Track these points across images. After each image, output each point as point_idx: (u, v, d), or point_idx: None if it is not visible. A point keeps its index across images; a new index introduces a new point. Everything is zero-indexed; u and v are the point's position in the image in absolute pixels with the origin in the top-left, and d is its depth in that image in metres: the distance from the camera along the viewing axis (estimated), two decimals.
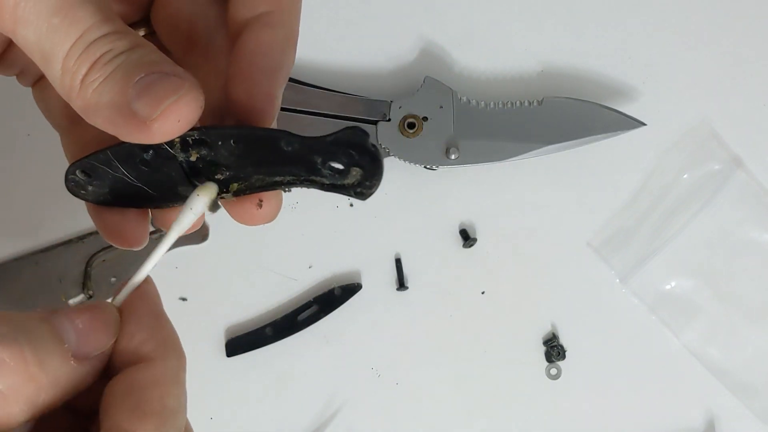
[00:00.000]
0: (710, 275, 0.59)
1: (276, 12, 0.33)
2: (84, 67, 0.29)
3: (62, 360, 0.27)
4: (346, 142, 0.32)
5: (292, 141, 0.32)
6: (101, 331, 0.29)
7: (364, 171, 0.33)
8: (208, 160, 0.33)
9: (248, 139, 0.32)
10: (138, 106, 0.28)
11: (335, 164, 0.33)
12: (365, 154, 0.33)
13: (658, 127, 0.59)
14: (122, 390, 0.28)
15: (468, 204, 0.60)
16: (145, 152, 0.32)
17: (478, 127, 0.57)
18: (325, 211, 0.60)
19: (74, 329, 0.28)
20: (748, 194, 0.59)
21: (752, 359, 0.59)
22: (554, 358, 0.58)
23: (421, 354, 0.59)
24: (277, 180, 0.34)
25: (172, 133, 0.29)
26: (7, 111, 0.60)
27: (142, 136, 0.29)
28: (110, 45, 0.29)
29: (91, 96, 0.29)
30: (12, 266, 0.58)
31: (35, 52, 0.29)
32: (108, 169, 0.33)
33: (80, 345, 0.28)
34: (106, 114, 0.29)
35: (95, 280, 0.58)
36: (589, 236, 0.60)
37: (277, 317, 0.59)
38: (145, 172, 0.33)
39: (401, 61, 0.61)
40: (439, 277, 0.60)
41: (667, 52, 0.61)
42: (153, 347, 0.29)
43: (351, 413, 0.59)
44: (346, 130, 0.32)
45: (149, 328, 0.30)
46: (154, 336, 0.30)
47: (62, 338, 0.28)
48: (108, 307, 0.30)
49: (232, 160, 0.33)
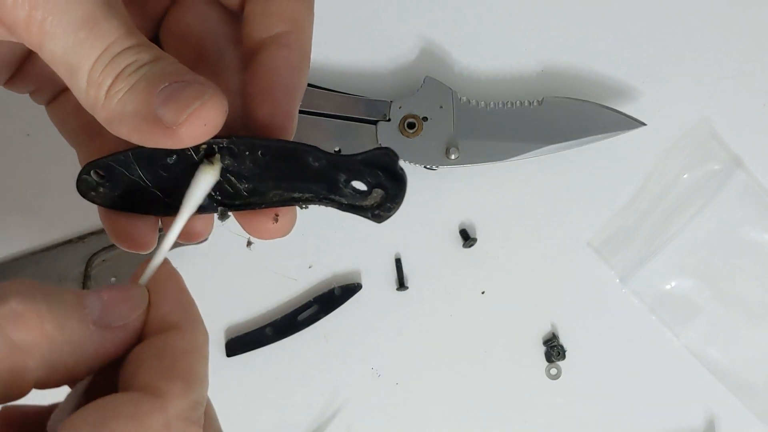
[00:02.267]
0: (710, 275, 0.59)
1: (292, 32, 0.34)
2: (109, 79, 0.29)
3: (80, 323, 0.28)
4: (376, 163, 0.32)
5: (320, 157, 0.32)
6: (126, 303, 0.29)
7: (387, 194, 0.33)
8: (230, 170, 0.33)
9: (276, 151, 0.33)
10: (163, 113, 0.29)
11: (358, 184, 0.33)
12: (393, 178, 0.33)
13: (658, 127, 0.59)
14: (154, 352, 0.29)
15: (468, 204, 0.60)
16: (169, 157, 0.32)
17: (478, 127, 0.57)
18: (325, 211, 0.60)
19: (99, 299, 0.29)
20: (748, 194, 0.59)
21: (752, 359, 0.59)
22: (554, 358, 0.58)
23: (421, 354, 0.59)
24: (295, 196, 0.34)
25: (199, 136, 0.30)
26: (7, 111, 0.60)
27: (169, 141, 0.29)
28: (134, 57, 0.30)
29: (116, 106, 0.30)
30: (12, 266, 0.58)
31: (61, 65, 0.30)
32: (125, 171, 0.33)
33: (102, 313, 0.29)
34: (132, 123, 0.29)
35: (95, 280, 0.58)
36: (589, 236, 0.60)
37: (277, 317, 0.59)
38: (163, 177, 0.33)
39: (401, 61, 0.61)
40: (439, 277, 0.60)
41: (667, 52, 0.61)
42: (182, 317, 0.30)
43: (351, 413, 0.59)
44: (377, 151, 0.32)
45: (178, 301, 0.31)
46: (182, 308, 0.31)
47: (84, 304, 0.28)
48: (137, 285, 0.31)
49: (255, 173, 0.33)
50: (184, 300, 0.31)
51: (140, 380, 0.28)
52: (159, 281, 0.31)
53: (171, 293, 0.31)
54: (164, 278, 0.31)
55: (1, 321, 0.26)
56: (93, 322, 0.28)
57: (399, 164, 0.32)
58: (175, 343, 0.29)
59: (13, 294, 0.27)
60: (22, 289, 0.27)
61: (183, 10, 0.36)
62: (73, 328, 0.28)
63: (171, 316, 0.30)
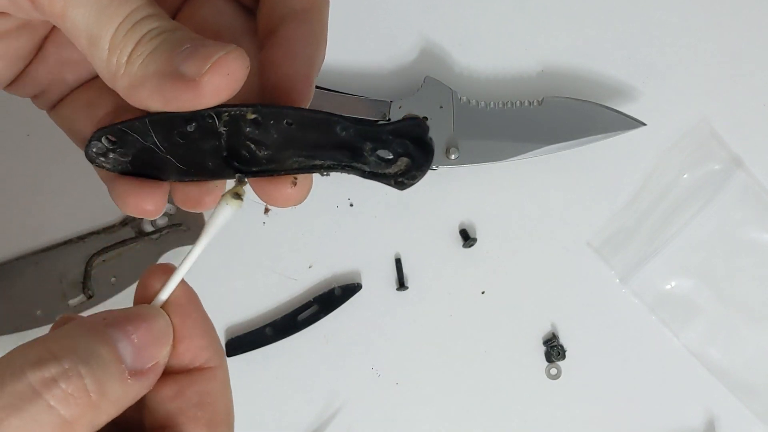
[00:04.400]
0: (710, 275, 0.59)
1: (309, 9, 0.34)
2: (131, 44, 0.30)
3: (121, 382, 0.28)
4: (407, 134, 0.32)
5: (348, 126, 0.32)
6: (156, 343, 0.29)
7: (413, 163, 0.33)
8: (251, 137, 0.32)
9: (304, 121, 0.32)
10: (186, 68, 0.29)
11: (384, 153, 0.33)
12: (422, 149, 0.32)
13: (658, 127, 0.59)
14: (195, 401, 0.29)
15: (468, 204, 0.60)
16: (189, 124, 0.32)
17: (478, 127, 0.57)
18: (325, 211, 0.60)
19: (131, 344, 0.29)
20: (748, 194, 0.59)
21: (752, 359, 0.59)
22: (554, 358, 0.58)
23: (421, 354, 0.59)
24: (316, 164, 0.33)
25: (222, 88, 0.29)
26: (7, 111, 0.60)
27: (192, 96, 0.29)
28: (156, 23, 0.30)
29: (138, 69, 0.30)
30: (12, 266, 0.58)
31: (82, 34, 0.30)
32: (139, 137, 0.32)
33: (136, 361, 0.29)
34: (154, 83, 0.29)
35: (95, 280, 0.58)
36: (589, 236, 0.60)
37: (277, 317, 0.59)
38: (179, 144, 0.33)
39: (401, 61, 0.61)
40: (439, 277, 0.60)
41: (667, 52, 0.61)
42: (212, 354, 0.30)
43: (351, 413, 0.59)
44: (409, 121, 0.32)
45: (206, 334, 0.31)
46: (211, 342, 0.31)
47: (120, 358, 0.28)
48: (161, 315, 0.30)
49: (277, 141, 0.33)
50: (211, 331, 0.31)
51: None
52: (181, 306, 0.31)
53: (199, 324, 0.31)
54: (187, 302, 0.31)
55: (51, 400, 0.26)
56: (129, 373, 0.28)
57: (429, 135, 0.32)
58: (213, 388, 0.30)
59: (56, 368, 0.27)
60: (65, 364, 0.27)
61: (199, 3, 0.36)
62: (115, 389, 0.28)
63: (203, 351, 0.30)
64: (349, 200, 0.60)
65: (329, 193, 0.60)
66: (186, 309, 0.31)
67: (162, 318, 0.30)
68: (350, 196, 0.60)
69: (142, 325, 0.29)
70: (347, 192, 0.60)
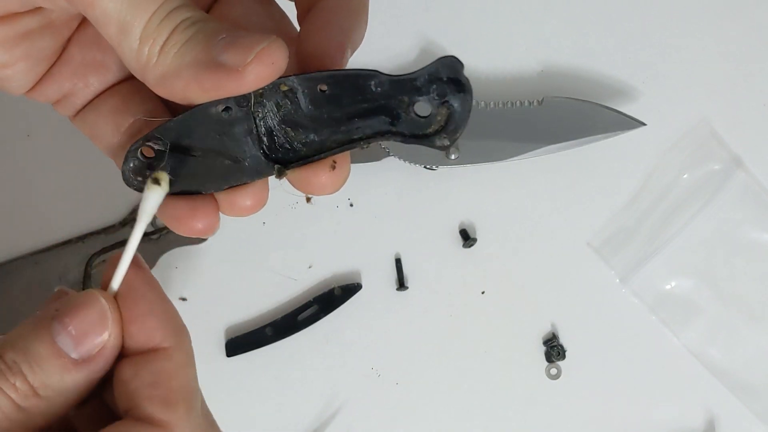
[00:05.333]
0: (710, 275, 0.59)
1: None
2: (165, 34, 0.29)
3: (62, 373, 0.29)
4: (443, 73, 0.32)
5: (383, 79, 0.32)
6: (95, 330, 0.30)
7: (452, 113, 0.33)
8: (286, 119, 0.32)
9: (337, 81, 0.32)
10: (226, 58, 0.29)
11: (420, 109, 0.32)
12: (459, 90, 0.32)
13: (658, 127, 0.59)
14: (148, 381, 0.29)
15: (468, 204, 0.60)
16: (225, 111, 0.31)
17: (478, 127, 0.57)
18: (325, 211, 0.60)
19: (69, 336, 0.29)
20: (748, 194, 0.59)
21: (752, 359, 0.59)
22: (554, 358, 0.58)
23: (421, 354, 0.59)
24: (355, 137, 0.33)
25: (266, 76, 0.29)
26: (7, 111, 0.60)
27: (234, 84, 0.29)
28: (189, 13, 0.30)
29: (173, 59, 0.29)
30: (12, 266, 0.58)
31: (112, 23, 0.29)
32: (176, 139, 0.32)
33: (78, 350, 0.29)
34: (190, 73, 0.29)
35: (95, 280, 0.58)
36: (589, 236, 0.60)
37: (277, 317, 0.59)
38: (216, 140, 0.32)
39: (401, 61, 0.61)
40: (439, 277, 0.60)
41: (667, 52, 0.61)
42: (167, 333, 0.30)
43: (351, 413, 0.59)
44: (442, 60, 0.32)
45: (161, 313, 0.31)
46: (165, 322, 0.31)
47: (60, 352, 0.29)
48: (98, 301, 0.30)
49: (313, 117, 0.32)
50: (166, 311, 0.31)
51: (143, 412, 0.29)
52: (134, 289, 0.31)
53: (150, 305, 0.31)
54: (140, 285, 0.31)
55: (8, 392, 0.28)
56: (75, 362, 0.29)
57: (464, 73, 0.32)
58: (168, 367, 0.30)
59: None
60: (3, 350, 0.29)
61: (230, 4, 0.36)
62: (57, 381, 0.29)
63: (156, 332, 0.30)
64: (349, 200, 0.60)
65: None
66: (138, 292, 0.31)
67: (98, 303, 0.30)
68: (350, 196, 0.60)
69: (78, 314, 0.29)
70: (347, 192, 0.60)
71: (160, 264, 0.59)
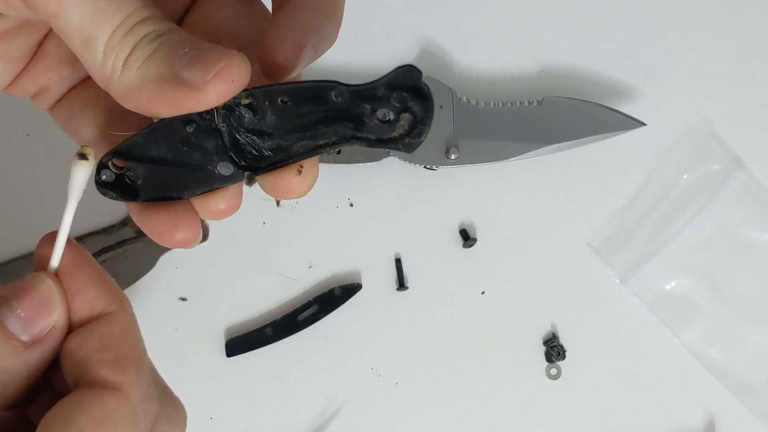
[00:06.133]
0: (710, 275, 0.59)
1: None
2: (128, 48, 0.29)
3: (14, 356, 0.29)
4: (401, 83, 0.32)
5: (343, 90, 0.32)
6: (44, 310, 0.30)
7: (415, 117, 0.33)
8: (251, 128, 0.32)
9: (297, 93, 0.32)
10: (188, 74, 0.29)
11: (384, 114, 0.33)
12: (419, 96, 0.32)
13: (658, 127, 0.59)
14: (96, 345, 0.29)
15: (468, 204, 0.60)
16: (188, 125, 0.32)
17: (478, 127, 0.57)
18: (325, 211, 0.60)
19: (18, 319, 0.29)
20: (748, 194, 0.59)
21: (752, 359, 0.59)
22: (554, 358, 0.58)
23: (421, 354, 0.59)
24: (321, 143, 0.33)
25: (227, 93, 0.29)
26: (7, 111, 0.60)
27: (195, 101, 0.29)
28: (153, 26, 0.30)
29: (136, 74, 0.29)
30: (12, 266, 0.58)
31: (76, 35, 0.29)
32: (142, 153, 0.32)
33: (28, 332, 0.29)
34: (153, 89, 0.29)
35: None
36: (589, 236, 0.60)
37: (277, 317, 0.59)
38: (183, 152, 0.32)
39: (401, 61, 0.61)
40: (439, 277, 0.60)
41: (667, 52, 0.61)
42: (109, 300, 0.31)
43: (351, 413, 0.59)
44: (399, 69, 0.32)
45: (98, 283, 0.31)
46: (105, 290, 0.31)
47: (10, 334, 0.29)
48: (44, 281, 0.30)
49: (277, 126, 0.32)
50: (104, 280, 0.31)
51: (94, 376, 0.29)
52: (70, 264, 0.31)
53: (88, 276, 0.31)
54: (74, 260, 0.31)
55: None
56: (23, 346, 0.29)
57: (423, 81, 0.32)
58: (114, 330, 0.30)
59: None
60: None
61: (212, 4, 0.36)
62: (10, 363, 0.29)
63: (98, 300, 0.30)
64: (349, 200, 0.60)
65: (329, 193, 0.60)
66: (75, 267, 0.31)
67: (44, 284, 0.30)
68: (350, 196, 0.60)
69: (26, 297, 0.30)
70: (347, 192, 0.60)
71: (160, 264, 0.59)
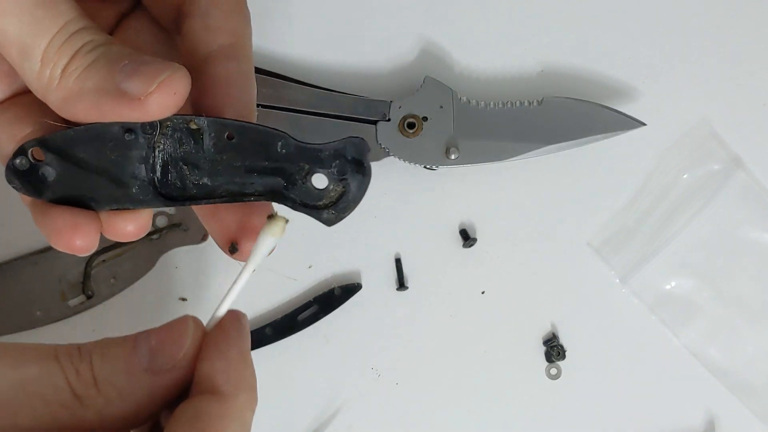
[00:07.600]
0: (710, 275, 0.59)
1: (234, 44, 0.34)
2: (66, 57, 0.29)
3: (129, 375, 0.29)
4: (348, 153, 0.32)
5: (290, 144, 0.32)
6: (173, 343, 0.30)
7: (347, 190, 0.33)
8: (186, 157, 0.32)
9: (246, 133, 0.32)
10: (129, 86, 0.29)
11: (317, 181, 0.33)
12: (359, 171, 0.32)
13: (658, 127, 0.59)
14: (189, 416, 0.29)
15: (468, 204, 0.60)
16: (127, 133, 0.31)
17: (478, 127, 0.57)
18: None
19: (148, 346, 0.29)
20: (748, 194, 0.59)
21: (752, 359, 0.59)
22: (554, 358, 0.58)
23: (421, 354, 0.59)
24: (246, 191, 0.33)
25: (169, 106, 0.29)
26: None
27: (136, 113, 0.29)
28: (91, 36, 0.30)
29: (74, 83, 0.29)
30: (12, 266, 0.58)
31: (13, 45, 0.29)
32: (68, 150, 0.31)
33: (152, 359, 0.29)
34: (92, 99, 0.29)
35: (95, 280, 0.58)
36: (589, 236, 0.60)
37: (277, 317, 0.59)
38: (110, 161, 0.32)
39: (401, 61, 0.61)
40: (439, 277, 0.60)
41: (667, 52, 0.61)
42: (227, 380, 0.30)
43: (351, 413, 0.59)
44: (351, 139, 0.32)
45: (231, 361, 0.31)
46: (231, 368, 0.30)
47: (134, 355, 0.29)
48: (186, 323, 0.31)
49: (212, 161, 0.32)
50: (238, 361, 0.31)
51: None
52: (222, 333, 0.31)
53: (227, 350, 0.31)
54: (228, 331, 0.32)
55: (68, 375, 0.28)
56: (144, 370, 0.29)
57: (368, 158, 0.32)
58: (211, 409, 0.29)
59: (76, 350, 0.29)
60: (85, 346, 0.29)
61: (134, 29, 0.36)
62: (121, 380, 0.29)
63: (218, 376, 0.30)
64: None
65: None
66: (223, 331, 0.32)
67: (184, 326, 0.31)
68: None
69: (163, 331, 0.30)
70: None
71: (160, 264, 0.59)
